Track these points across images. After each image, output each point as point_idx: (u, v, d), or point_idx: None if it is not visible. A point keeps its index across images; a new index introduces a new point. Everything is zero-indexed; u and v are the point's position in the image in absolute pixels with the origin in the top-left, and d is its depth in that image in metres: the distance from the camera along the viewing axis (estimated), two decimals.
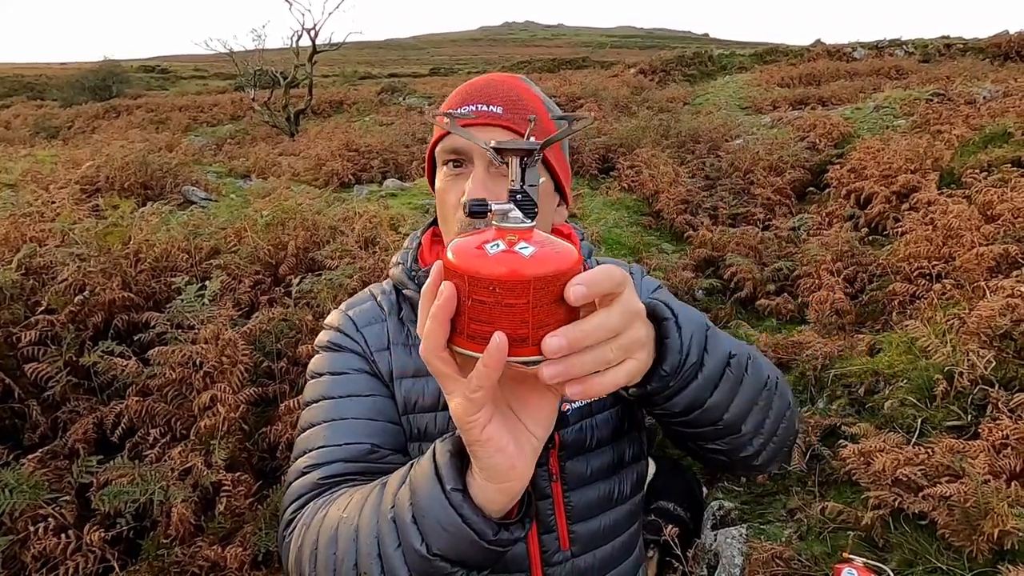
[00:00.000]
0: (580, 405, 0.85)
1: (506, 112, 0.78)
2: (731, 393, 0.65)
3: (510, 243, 0.47)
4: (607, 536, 0.88)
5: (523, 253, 0.46)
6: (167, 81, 35.81)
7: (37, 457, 2.12)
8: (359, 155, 8.89)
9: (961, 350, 2.63)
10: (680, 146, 7.88)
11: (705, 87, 14.45)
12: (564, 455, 0.84)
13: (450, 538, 0.55)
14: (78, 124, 16.34)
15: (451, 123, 0.62)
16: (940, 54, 15.84)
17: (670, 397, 0.61)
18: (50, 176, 5.56)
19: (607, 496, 0.87)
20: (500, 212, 0.49)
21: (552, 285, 0.46)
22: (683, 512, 2.41)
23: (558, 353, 0.45)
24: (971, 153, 5.26)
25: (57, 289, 2.53)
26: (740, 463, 0.75)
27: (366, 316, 0.89)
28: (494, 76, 0.84)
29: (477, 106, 0.78)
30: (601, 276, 0.46)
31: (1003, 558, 1.88)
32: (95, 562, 1.93)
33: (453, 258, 0.48)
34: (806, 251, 4.50)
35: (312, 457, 0.77)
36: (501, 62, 30.15)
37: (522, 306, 0.45)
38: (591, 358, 0.46)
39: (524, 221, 0.49)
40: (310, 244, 3.54)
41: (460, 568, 0.57)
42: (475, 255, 0.47)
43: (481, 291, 0.46)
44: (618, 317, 0.47)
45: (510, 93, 0.80)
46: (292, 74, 15.50)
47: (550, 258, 0.46)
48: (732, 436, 0.69)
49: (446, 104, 0.82)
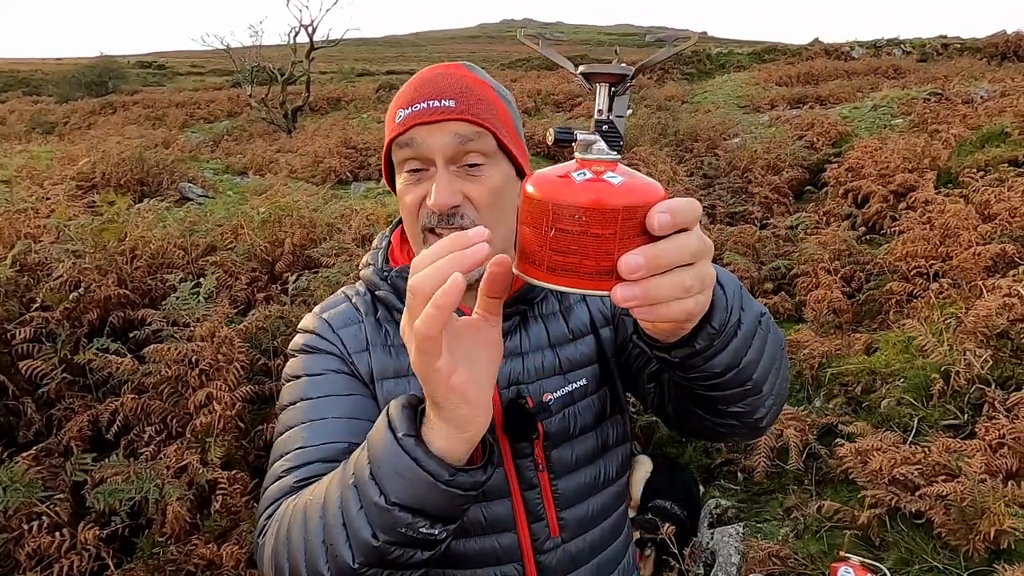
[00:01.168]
0: (562, 394, 0.85)
1: (459, 104, 0.76)
2: (760, 351, 0.65)
3: (596, 172, 0.46)
4: (595, 520, 0.89)
5: (612, 182, 0.45)
6: (164, 77, 35.68)
7: (31, 455, 2.11)
8: (357, 152, 8.87)
9: (958, 349, 2.64)
10: (678, 144, 7.88)
11: (703, 85, 14.46)
12: (549, 444, 0.84)
13: (407, 484, 0.56)
14: (74, 120, 16.25)
15: (542, 44, 0.60)
16: (938, 54, 15.88)
17: (712, 356, 0.60)
18: (46, 172, 5.53)
19: (593, 481, 0.88)
20: (584, 143, 0.48)
21: (639, 216, 0.44)
22: (680, 511, 2.41)
23: (635, 273, 0.44)
24: (968, 153, 5.28)
25: (52, 286, 2.52)
26: (750, 426, 0.74)
27: (342, 318, 0.88)
28: (439, 68, 0.82)
29: (429, 102, 0.76)
30: (685, 205, 0.46)
31: (999, 557, 1.89)
32: (89, 560, 1.92)
33: (534, 188, 0.46)
34: (804, 250, 4.50)
35: (289, 460, 0.75)
36: (500, 59, 30.09)
37: (608, 237, 0.44)
38: (669, 281, 0.45)
39: (609, 153, 0.48)
40: (307, 241, 3.53)
41: (422, 518, 0.57)
42: (560, 183, 0.46)
43: (566, 220, 0.44)
44: (697, 241, 0.46)
45: (459, 84, 0.78)
46: (290, 71, 15.46)
47: (638, 188, 0.45)
48: (755, 396, 0.68)
49: (397, 100, 0.80)
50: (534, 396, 0.83)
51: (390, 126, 0.80)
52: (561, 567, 0.86)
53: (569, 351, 0.87)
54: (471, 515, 0.83)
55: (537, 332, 0.86)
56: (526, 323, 0.87)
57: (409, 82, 0.82)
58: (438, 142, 0.75)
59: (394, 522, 0.57)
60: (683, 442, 2.92)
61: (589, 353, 0.88)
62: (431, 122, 0.75)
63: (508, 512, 0.83)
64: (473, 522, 0.83)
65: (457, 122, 0.75)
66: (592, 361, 0.88)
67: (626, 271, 0.44)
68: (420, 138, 0.76)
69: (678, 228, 0.45)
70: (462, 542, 0.83)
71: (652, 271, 0.44)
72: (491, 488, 0.82)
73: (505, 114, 0.82)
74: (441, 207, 0.75)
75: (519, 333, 0.86)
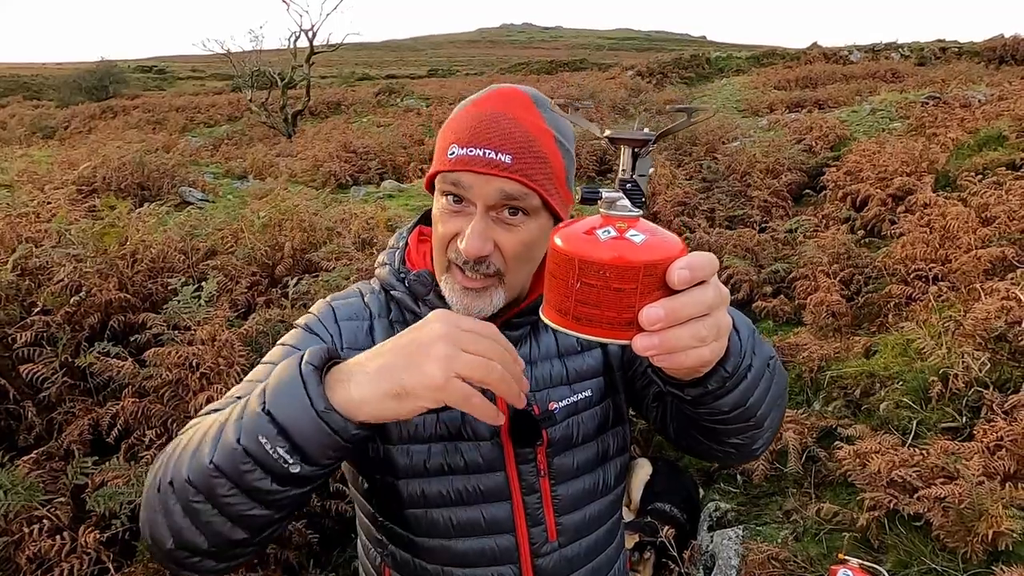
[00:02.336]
0: (567, 403, 0.86)
1: (515, 162, 0.74)
2: (766, 392, 0.68)
3: (620, 230, 0.49)
4: (592, 526, 0.90)
5: (634, 240, 0.48)
6: (164, 81, 35.75)
7: (32, 458, 2.10)
8: (357, 156, 8.90)
9: (956, 352, 2.64)
10: (677, 148, 7.90)
11: (702, 89, 14.50)
12: (552, 451, 0.85)
13: (286, 400, 0.57)
14: (74, 124, 16.29)
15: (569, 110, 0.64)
16: (936, 57, 15.93)
17: (723, 396, 0.63)
18: (46, 176, 5.55)
19: (592, 488, 0.89)
20: (609, 200, 0.51)
21: (659, 271, 0.48)
22: (680, 513, 2.42)
23: (656, 324, 0.47)
24: (966, 156, 5.29)
25: (53, 290, 2.52)
26: (745, 454, 0.79)
27: (348, 310, 0.88)
28: (508, 107, 0.77)
29: (484, 151, 0.73)
30: (703, 260, 0.49)
31: (997, 559, 1.89)
32: (90, 564, 1.92)
33: (562, 243, 0.50)
34: (802, 253, 4.51)
35: (219, 403, 0.73)
36: (499, 64, 30.15)
37: (630, 291, 0.47)
38: (686, 332, 0.49)
39: (632, 210, 0.51)
40: (307, 245, 3.54)
41: (284, 439, 0.56)
42: (586, 240, 0.49)
43: (591, 275, 0.48)
44: (713, 293, 0.50)
45: (521, 136, 0.75)
46: (290, 75, 15.50)
47: (659, 246, 0.48)
48: (755, 430, 0.72)
49: (454, 130, 0.77)
50: (540, 404, 0.85)
51: (441, 156, 0.78)
52: (557, 570, 0.87)
53: (576, 362, 0.89)
54: (470, 515, 0.83)
55: (547, 342, 0.88)
56: (536, 333, 0.88)
57: (472, 107, 0.79)
58: (483, 191, 0.74)
59: (259, 429, 0.57)
60: None
61: (596, 365, 0.90)
62: (482, 173, 0.74)
63: (508, 515, 0.84)
64: (473, 522, 0.84)
65: (508, 180, 0.74)
66: (598, 373, 0.90)
67: (647, 323, 0.47)
68: (467, 182, 0.74)
69: (696, 282, 0.48)
70: (460, 541, 0.84)
71: (671, 323, 0.48)
72: (492, 490, 0.84)
73: (559, 167, 0.78)
74: (470, 255, 0.75)
75: (529, 342, 0.87)
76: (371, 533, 0.92)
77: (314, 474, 0.59)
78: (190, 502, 0.59)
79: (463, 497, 0.83)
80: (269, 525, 0.62)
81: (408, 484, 0.83)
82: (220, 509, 0.59)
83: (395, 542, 0.87)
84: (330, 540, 2.36)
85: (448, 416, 0.83)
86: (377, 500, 0.87)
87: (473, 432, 0.83)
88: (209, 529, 0.60)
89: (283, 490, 0.59)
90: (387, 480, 0.84)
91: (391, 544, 0.88)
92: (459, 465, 0.83)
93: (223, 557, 0.63)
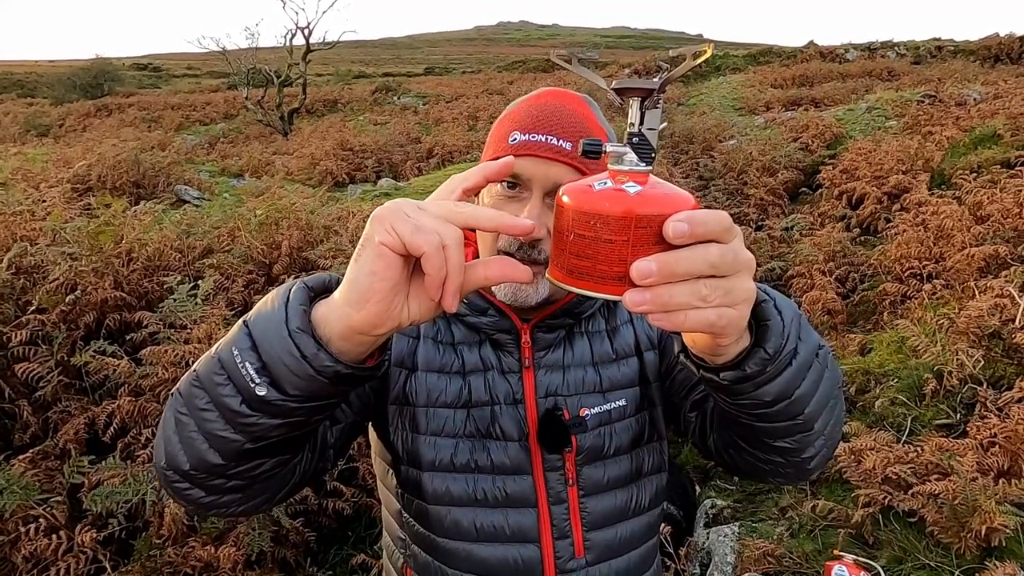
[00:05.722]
0: (599, 411, 0.84)
1: (575, 149, 0.75)
2: (815, 386, 0.62)
3: (618, 182, 0.48)
4: (624, 547, 0.86)
5: (628, 191, 0.47)
6: (159, 79, 35.60)
7: (28, 457, 2.10)
8: (353, 154, 8.88)
9: (950, 349, 2.66)
10: (674, 147, 7.91)
11: (699, 88, 14.51)
12: (581, 460, 0.83)
13: (265, 316, 0.55)
14: (69, 122, 16.21)
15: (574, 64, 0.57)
16: (931, 56, 15.98)
17: (764, 383, 0.57)
18: (41, 175, 5.52)
19: (624, 506, 0.86)
20: (616, 155, 0.50)
21: (655, 225, 0.45)
22: (676, 510, 2.42)
23: (646, 279, 0.44)
24: (961, 154, 5.31)
25: (48, 288, 2.52)
26: (796, 465, 0.70)
27: None
28: (564, 99, 0.80)
29: (547, 137, 0.75)
30: (708, 216, 0.45)
31: (990, 555, 1.90)
32: (87, 563, 1.92)
33: (562, 194, 0.49)
34: (798, 251, 4.53)
35: None
36: (496, 62, 30.12)
37: (621, 243, 0.45)
38: (684, 289, 0.45)
39: (638, 164, 0.49)
40: (304, 244, 3.53)
41: (254, 354, 0.54)
42: (581, 191, 0.48)
43: (582, 226, 0.47)
44: (718, 253, 0.45)
45: (581, 126, 0.77)
46: (286, 73, 15.46)
47: (656, 199, 0.46)
48: (804, 433, 0.65)
49: (515, 119, 0.78)
50: (571, 410, 0.83)
51: (500, 143, 0.78)
52: None
53: (611, 371, 0.86)
54: (494, 519, 0.82)
55: (581, 348, 0.86)
56: (571, 338, 0.86)
57: (530, 100, 0.81)
58: (543, 176, 0.75)
59: (236, 341, 0.56)
60: (679, 442, 2.93)
61: (631, 375, 0.87)
62: (544, 158, 0.75)
63: (533, 524, 0.82)
64: (496, 527, 0.82)
65: (567, 166, 0.75)
66: (634, 383, 0.87)
67: (637, 276, 0.45)
68: (529, 168, 0.75)
69: (698, 239, 0.45)
70: (483, 546, 0.82)
71: (665, 278, 0.44)
72: (517, 495, 0.82)
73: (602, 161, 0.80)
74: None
75: (563, 347, 0.86)
76: (395, 532, 0.91)
77: (283, 405, 0.55)
78: (178, 412, 0.60)
79: (488, 499, 0.82)
80: (244, 456, 0.60)
81: (433, 478, 0.82)
82: (199, 425, 0.59)
83: (418, 542, 0.87)
84: (327, 538, 2.37)
85: (478, 413, 0.82)
86: (403, 494, 0.87)
87: (501, 432, 0.82)
88: (190, 446, 0.60)
89: (252, 415, 0.56)
90: (413, 473, 0.84)
91: (413, 544, 0.87)
92: (485, 464, 0.82)
93: (206, 487, 0.62)
